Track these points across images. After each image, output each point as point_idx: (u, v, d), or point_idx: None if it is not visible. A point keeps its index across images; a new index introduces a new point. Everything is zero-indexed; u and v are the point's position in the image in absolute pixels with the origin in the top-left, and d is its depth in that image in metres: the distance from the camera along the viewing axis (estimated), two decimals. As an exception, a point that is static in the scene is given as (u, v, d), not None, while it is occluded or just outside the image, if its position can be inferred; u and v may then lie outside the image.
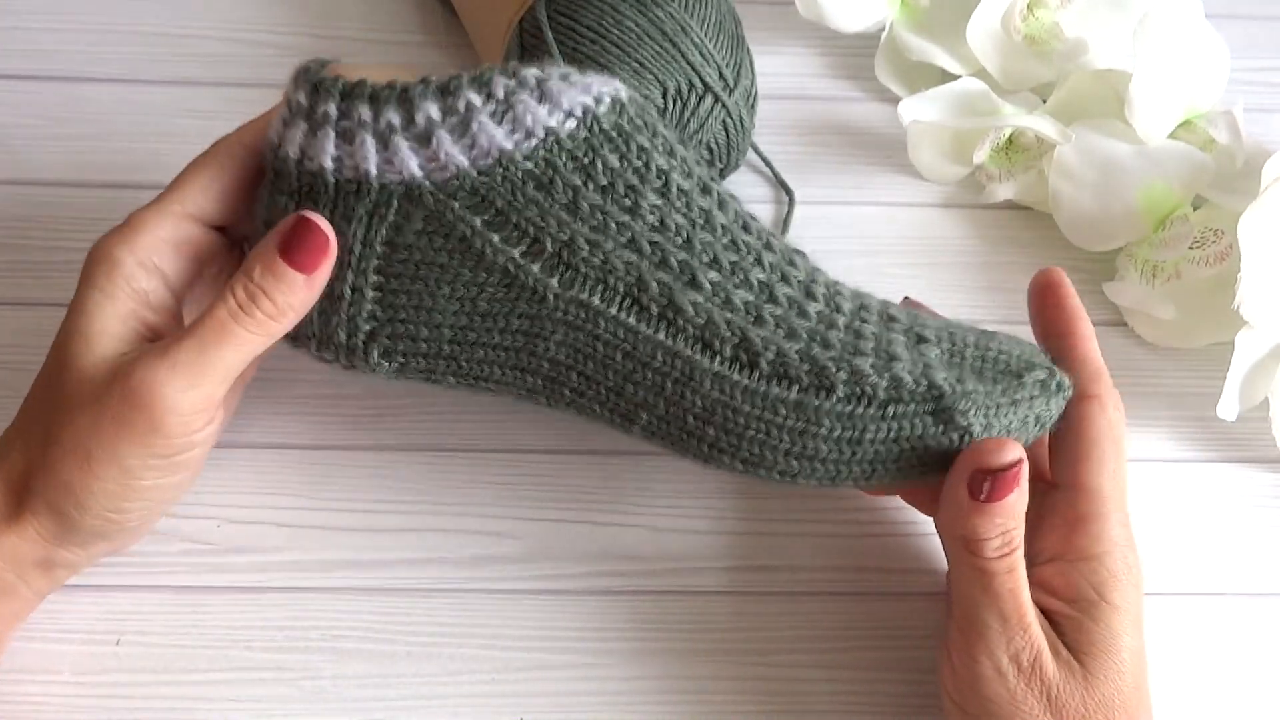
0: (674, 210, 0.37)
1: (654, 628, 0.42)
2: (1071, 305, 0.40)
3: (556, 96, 0.37)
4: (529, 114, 0.36)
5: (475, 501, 0.44)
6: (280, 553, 0.42)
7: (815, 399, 0.36)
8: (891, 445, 0.36)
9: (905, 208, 0.52)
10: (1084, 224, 0.50)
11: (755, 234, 0.38)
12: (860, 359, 0.36)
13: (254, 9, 0.56)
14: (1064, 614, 0.36)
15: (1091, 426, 0.37)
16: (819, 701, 0.41)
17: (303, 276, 0.35)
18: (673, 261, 0.37)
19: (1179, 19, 0.49)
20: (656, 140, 0.38)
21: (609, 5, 0.46)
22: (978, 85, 0.52)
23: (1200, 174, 0.48)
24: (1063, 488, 0.37)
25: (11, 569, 0.36)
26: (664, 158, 0.38)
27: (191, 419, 0.35)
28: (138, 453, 0.35)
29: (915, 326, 0.38)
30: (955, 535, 0.36)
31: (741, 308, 0.37)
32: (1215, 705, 0.41)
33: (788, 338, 0.36)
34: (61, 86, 0.53)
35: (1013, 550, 0.35)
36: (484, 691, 0.40)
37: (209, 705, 0.40)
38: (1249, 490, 0.46)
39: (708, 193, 0.38)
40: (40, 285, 0.47)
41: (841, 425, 0.36)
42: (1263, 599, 0.44)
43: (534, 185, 0.37)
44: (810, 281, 0.38)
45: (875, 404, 0.36)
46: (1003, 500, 0.34)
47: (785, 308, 0.37)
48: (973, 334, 0.38)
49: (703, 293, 0.37)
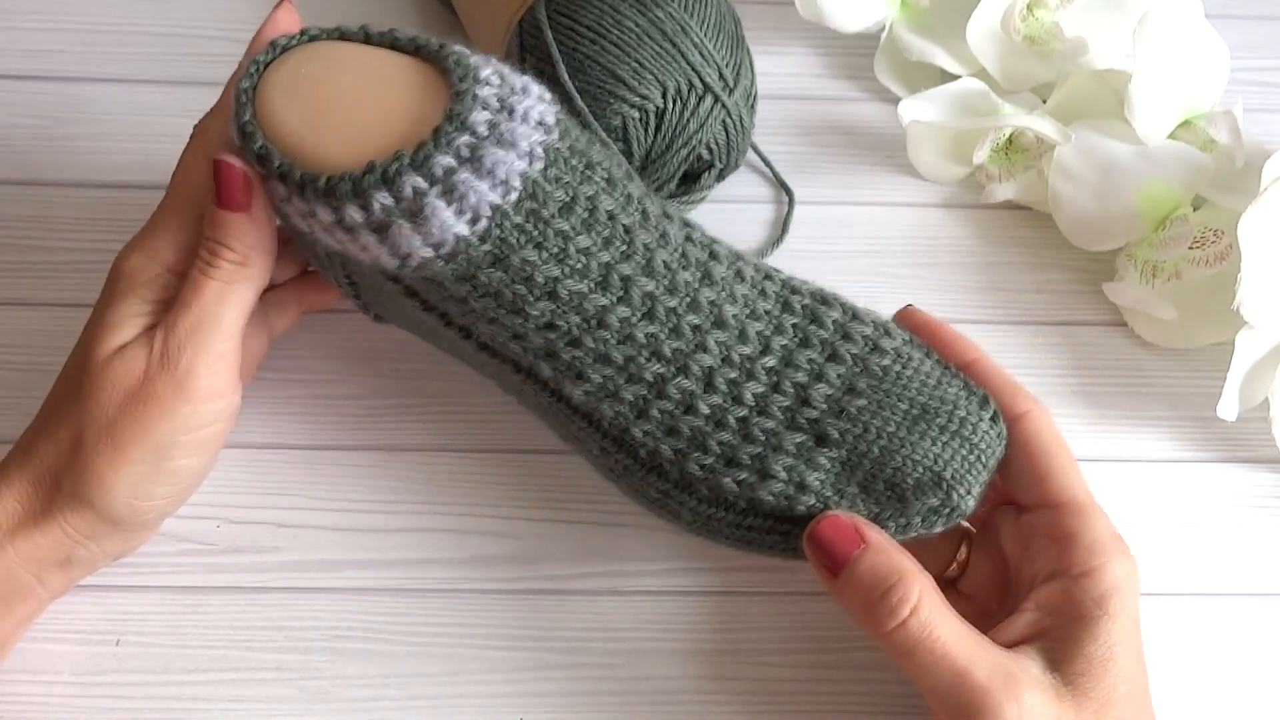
0: (563, 315, 0.36)
1: (653, 628, 0.42)
2: (947, 335, 0.39)
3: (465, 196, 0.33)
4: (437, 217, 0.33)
5: (475, 501, 0.44)
6: (280, 553, 0.42)
7: (678, 495, 0.38)
8: (749, 544, 0.38)
9: (905, 208, 0.52)
10: (1084, 224, 0.50)
11: (662, 321, 0.36)
12: (730, 472, 0.37)
13: (254, 9, 0.55)
14: (1059, 634, 0.35)
15: (1039, 442, 0.37)
16: (818, 701, 0.41)
17: (242, 214, 0.36)
18: (564, 358, 0.37)
19: (1179, 19, 0.49)
20: (545, 252, 0.35)
21: (609, 5, 0.46)
22: (978, 85, 0.52)
23: (1200, 174, 0.48)
24: (1037, 509, 0.37)
25: (32, 570, 0.37)
26: (554, 266, 0.35)
27: (211, 382, 0.36)
28: (166, 427, 0.36)
29: (825, 421, 0.37)
30: (860, 625, 0.35)
31: (629, 401, 0.37)
32: (1215, 705, 0.41)
33: (667, 435, 0.37)
34: (61, 86, 0.53)
35: (914, 614, 0.34)
36: (484, 691, 0.40)
37: (209, 705, 0.40)
38: (1249, 490, 0.46)
39: (606, 288, 0.35)
40: (40, 285, 0.47)
41: (700, 521, 0.38)
42: (1263, 599, 0.44)
43: (457, 278, 0.35)
44: (720, 364, 0.37)
45: (733, 512, 0.37)
46: (845, 565, 0.34)
47: (674, 404, 0.37)
48: (896, 421, 0.36)
49: (587, 386, 0.37)
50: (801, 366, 0.37)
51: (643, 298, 0.36)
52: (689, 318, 0.37)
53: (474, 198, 0.33)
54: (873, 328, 0.38)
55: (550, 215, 0.34)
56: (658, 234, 0.37)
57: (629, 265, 0.36)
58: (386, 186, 0.32)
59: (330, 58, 0.36)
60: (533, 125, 0.34)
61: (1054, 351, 0.49)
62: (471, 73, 0.34)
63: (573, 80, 0.45)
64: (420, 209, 0.32)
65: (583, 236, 0.35)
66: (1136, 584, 0.36)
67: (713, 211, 0.51)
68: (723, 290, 0.37)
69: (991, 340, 0.48)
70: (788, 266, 0.49)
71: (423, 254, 0.34)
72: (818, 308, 0.39)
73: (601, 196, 0.35)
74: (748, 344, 0.37)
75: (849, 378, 0.37)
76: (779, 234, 0.51)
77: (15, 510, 0.36)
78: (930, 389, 0.37)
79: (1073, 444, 0.46)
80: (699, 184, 0.48)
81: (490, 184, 0.33)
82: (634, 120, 0.45)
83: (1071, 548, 0.36)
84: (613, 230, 0.35)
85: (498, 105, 0.33)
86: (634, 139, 0.46)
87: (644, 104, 0.45)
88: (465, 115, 0.33)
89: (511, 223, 0.34)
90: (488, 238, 0.34)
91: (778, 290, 0.39)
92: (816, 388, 0.37)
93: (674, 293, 0.36)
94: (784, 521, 0.37)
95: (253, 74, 0.35)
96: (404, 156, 0.32)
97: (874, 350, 0.38)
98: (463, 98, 0.33)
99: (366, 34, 0.36)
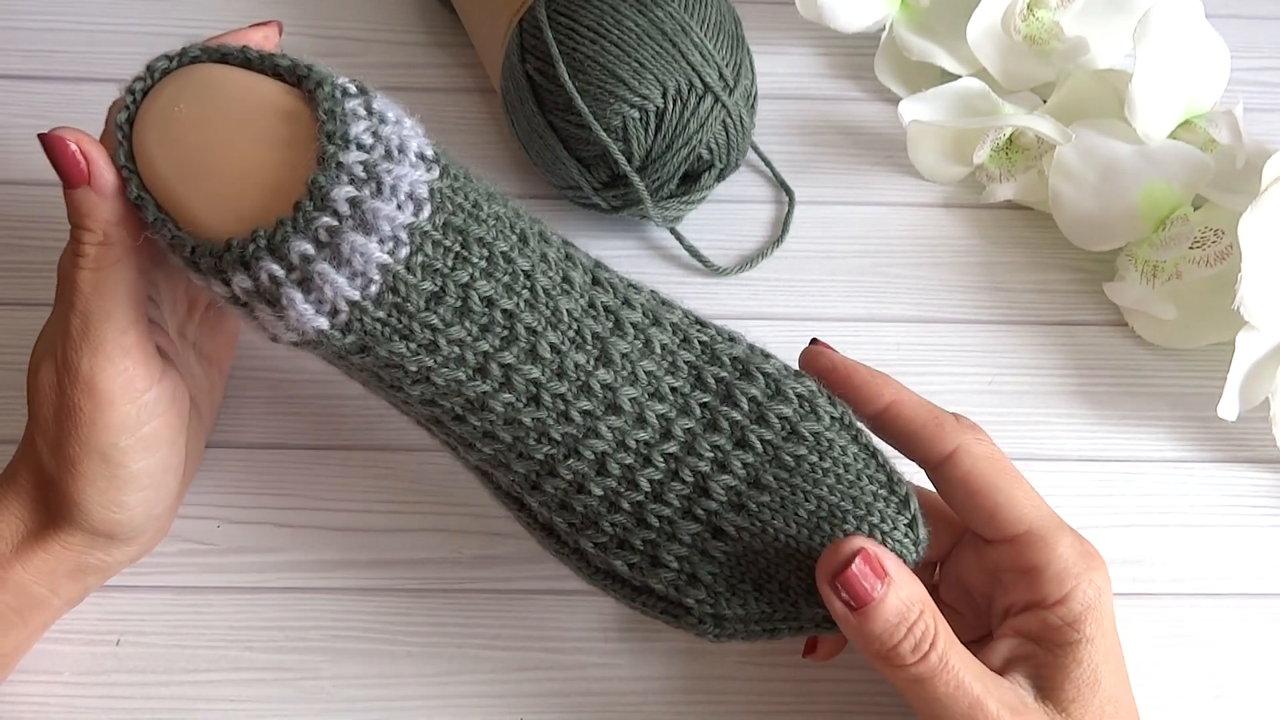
0: (443, 397, 0.34)
1: (654, 627, 0.42)
2: (858, 381, 0.37)
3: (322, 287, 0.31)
4: (327, 285, 0.31)
5: (475, 501, 0.43)
6: (280, 553, 0.42)
7: (575, 560, 0.38)
8: (645, 615, 0.38)
9: (905, 208, 0.52)
10: (1084, 224, 0.50)
11: (549, 407, 0.34)
12: (623, 555, 0.36)
13: (254, 9, 0.55)
14: (1043, 661, 0.34)
15: (976, 477, 0.35)
16: (820, 701, 0.41)
17: (85, 188, 0.33)
18: (453, 430, 0.36)
19: (1179, 19, 0.49)
20: (421, 329, 0.32)
21: (609, 5, 0.46)
22: (978, 85, 0.52)
23: (1200, 174, 0.48)
24: (996, 544, 0.36)
25: (44, 583, 0.37)
26: (425, 357, 0.33)
27: (124, 380, 0.34)
28: (101, 437, 0.35)
29: (723, 515, 0.35)
30: (871, 658, 0.33)
31: (521, 474, 0.36)
32: (1215, 705, 0.41)
33: (560, 509, 0.37)
34: (61, 86, 0.53)
35: (933, 647, 0.33)
36: (484, 691, 0.40)
37: (209, 705, 0.40)
38: (1249, 490, 0.46)
39: (485, 376, 0.33)
40: (40, 285, 0.47)
41: (598, 585, 0.38)
42: (1263, 599, 0.43)
43: (358, 351, 0.33)
44: (614, 449, 0.35)
45: (628, 587, 0.37)
46: (873, 599, 0.32)
47: (566, 483, 0.36)
48: (799, 523, 0.35)
49: (479, 455, 0.36)
50: (704, 454, 0.35)
51: (527, 384, 0.34)
52: (580, 403, 0.35)
53: (330, 291, 0.31)
54: (795, 406, 0.36)
55: (416, 309, 0.32)
56: (547, 313, 0.34)
57: (509, 353, 0.33)
58: (244, 269, 0.31)
59: (204, 94, 0.33)
60: (401, 200, 0.31)
61: (1054, 351, 0.49)
62: (340, 131, 0.31)
63: (573, 80, 0.45)
64: (277, 298, 0.31)
65: (455, 327, 0.32)
66: (1108, 594, 0.35)
67: (713, 211, 0.51)
68: (622, 370, 0.35)
69: (992, 340, 0.49)
70: (788, 266, 0.50)
71: (288, 338, 0.32)
72: (735, 384, 0.36)
73: (478, 281, 0.33)
74: (646, 429, 0.35)
75: (756, 468, 0.35)
76: (779, 234, 0.51)
77: (18, 528, 0.36)
78: (845, 487, 0.35)
79: (1073, 444, 0.46)
80: (699, 184, 0.48)
81: (348, 275, 0.31)
82: (634, 120, 0.45)
83: (1040, 579, 0.35)
84: (490, 317, 0.33)
85: (364, 175, 0.31)
86: (634, 139, 0.46)
87: (644, 104, 0.45)
88: (327, 189, 0.30)
89: (372, 317, 0.31)
90: (349, 330, 0.32)
91: (693, 359, 0.36)
92: (719, 478, 0.35)
93: (563, 378, 0.34)
94: (676, 606, 0.37)
95: (129, 106, 0.33)
96: (260, 239, 0.30)
97: (790, 436, 0.35)
98: (326, 166, 0.30)
99: (246, 57, 0.34)
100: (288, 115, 0.32)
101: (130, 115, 0.33)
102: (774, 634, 0.36)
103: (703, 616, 0.36)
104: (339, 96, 0.32)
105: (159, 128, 0.33)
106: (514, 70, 0.48)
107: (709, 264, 0.49)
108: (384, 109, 0.32)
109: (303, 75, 0.33)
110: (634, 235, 0.50)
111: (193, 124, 0.32)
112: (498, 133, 0.53)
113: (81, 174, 0.33)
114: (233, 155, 0.32)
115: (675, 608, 0.37)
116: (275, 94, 0.33)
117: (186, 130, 0.32)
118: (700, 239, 0.50)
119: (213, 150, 0.32)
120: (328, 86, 0.32)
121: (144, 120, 0.33)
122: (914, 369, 0.47)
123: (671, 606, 0.37)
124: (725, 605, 0.36)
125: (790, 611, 0.35)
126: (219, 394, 0.43)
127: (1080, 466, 0.46)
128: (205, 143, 0.32)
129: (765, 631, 0.36)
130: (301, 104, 0.32)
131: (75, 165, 0.33)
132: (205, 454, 0.43)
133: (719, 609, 0.36)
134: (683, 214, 0.49)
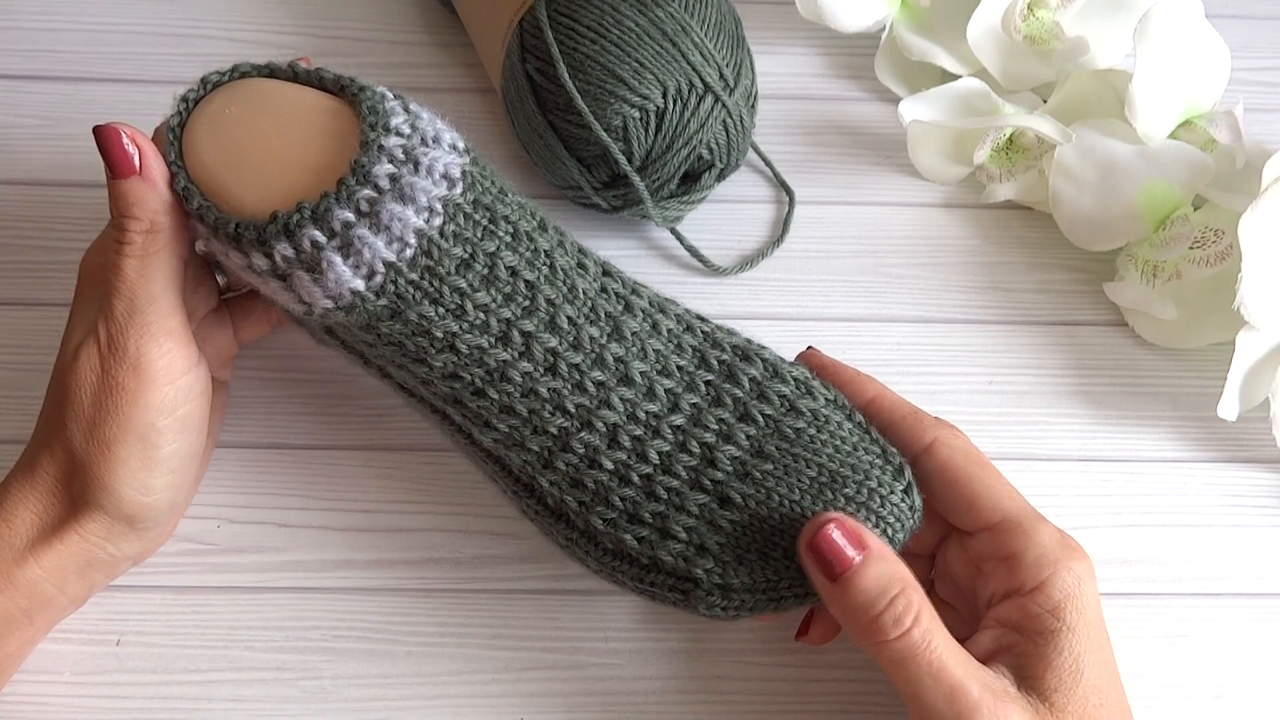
0: (465, 367, 0.36)
1: (655, 628, 0.42)
2: (846, 376, 0.39)
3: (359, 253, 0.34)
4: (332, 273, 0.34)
5: (475, 501, 0.44)
6: (280, 553, 0.42)
7: (584, 544, 0.38)
8: (653, 598, 0.38)
9: (905, 208, 0.52)
10: (1084, 224, 0.50)
11: (565, 376, 0.37)
12: (632, 528, 0.37)
13: (254, 9, 0.56)
14: (1024, 650, 0.35)
15: (954, 467, 0.37)
16: (820, 701, 0.41)
17: (135, 178, 0.35)
18: (470, 406, 0.37)
19: (1179, 19, 0.49)
20: (443, 306, 0.35)
21: (609, 5, 0.46)
22: (978, 85, 0.52)
23: (1200, 174, 0.48)
24: (977, 533, 0.37)
25: (54, 581, 0.37)
26: (452, 322, 0.36)
27: (167, 362, 0.36)
28: (141, 415, 0.36)
29: (730, 484, 0.37)
30: (854, 634, 0.34)
31: (535, 451, 0.37)
32: (1214, 705, 0.41)
33: (572, 487, 0.38)
34: (61, 86, 0.53)
35: (915, 623, 0.33)
36: (484, 691, 0.40)
37: (209, 705, 0.40)
38: (1249, 490, 0.46)
39: (507, 344, 0.36)
40: (40, 285, 0.47)
41: (606, 571, 0.38)
42: (1263, 599, 0.44)
43: (362, 329, 0.36)
44: (625, 421, 0.37)
45: (636, 566, 0.38)
46: (848, 572, 0.33)
47: (578, 457, 0.37)
48: (802, 489, 0.36)
49: (495, 434, 0.38)
50: (710, 426, 0.37)
51: (545, 354, 0.36)
52: (594, 374, 0.37)
53: (369, 254, 0.34)
54: (793, 386, 0.38)
55: (447, 272, 0.35)
56: (565, 289, 0.37)
57: (530, 321, 0.36)
58: (287, 238, 0.33)
59: (254, 98, 0.36)
60: (436, 179, 0.35)
61: (1054, 351, 0.49)
62: (382, 121, 0.34)
63: (573, 80, 0.45)
64: (318, 262, 0.33)
65: (481, 293, 0.35)
66: (1091, 585, 0.35)
67: (713, 211, 0.51)
68: (633, 346, 0.37)
69: (992, 340, 0.49)
70: (788, 266, 0.50)
71: (323, 304, 0.35)
72: (736, 365, 0.38)
73: (504, 252, 0.36)
74: (655, 401, 0.37)
75: (759, 440, 0.37)
76: (779, 234, 0.51)
77: (33, 523, 0.37)
78: (843, 456, 0.37)
79: (1073, 444, 0.46)
80: (699, 184, 0.48)
81: (386, 240, 0.34)
82: (634, 120, 0.45)
83: (1018, 565, 0.35)
84: (514, 286, 0.36)
85: (403, 157, 0.34)
86: (634, 139, 0.46)
87: (644, 104, 0.45)
88: (369, 167, 0.33)
89: (406, 279, 0.34)
90: (383, 293, 0.34)
91: (697, 344, 0.39)
92: (724, 449, 0.37)
93: (578, 349, 0.37)
94: (685, 580, 0.37)
95: (181, 111, 0.36)
96: (305, 209, 0.33)
97: (790, 412, 0.37)
98: (369, 148, 0.34)
99: (294, 71, 0.37)
100: (332, 112, 0.36)
101: (182, 120, 0.36)
102: (780, 604, 0.36)
103: (710, 589, 0.37)
104: (378, 97, 0.35)
105: (209, 126, 0.36)
106: (514, 70, 0.48)
107: (709, 264, 0.49)
108: (419, 110, 0.36)
109: (345, 84, 0.36)
110: (634, 235, 0.50)
111: (241, 121, 0.36)
112: (498, 133, 0.53)
113: (132, 165, 0.35)
114: (279, 145, 0.35)
115: (684, 582, 0.37)
116: (321, 99, 0.36)
117: (235, 127, 0.36)
118: (700, 239, 0.50)
119: (260, 141, 0.35)
120: (369, 91, 0.36)
121: (195, 122, 0.36)
122: (914, 369, 0.47)
123: (680, 582, 0.37)
124: (733, 574, 0.36)
125: (795, 578, 0.36)
126: (222, 401, 0.43)
127: (1080, 466, 0.46)
128: (253, 135, 0.35)
129: (771, 601, 0.36)
130: (344, 105, 0.36)
131: (127, 156, 0.35)
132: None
133: (726, 578, 0.36)
134: (683, 214, 0.49)
